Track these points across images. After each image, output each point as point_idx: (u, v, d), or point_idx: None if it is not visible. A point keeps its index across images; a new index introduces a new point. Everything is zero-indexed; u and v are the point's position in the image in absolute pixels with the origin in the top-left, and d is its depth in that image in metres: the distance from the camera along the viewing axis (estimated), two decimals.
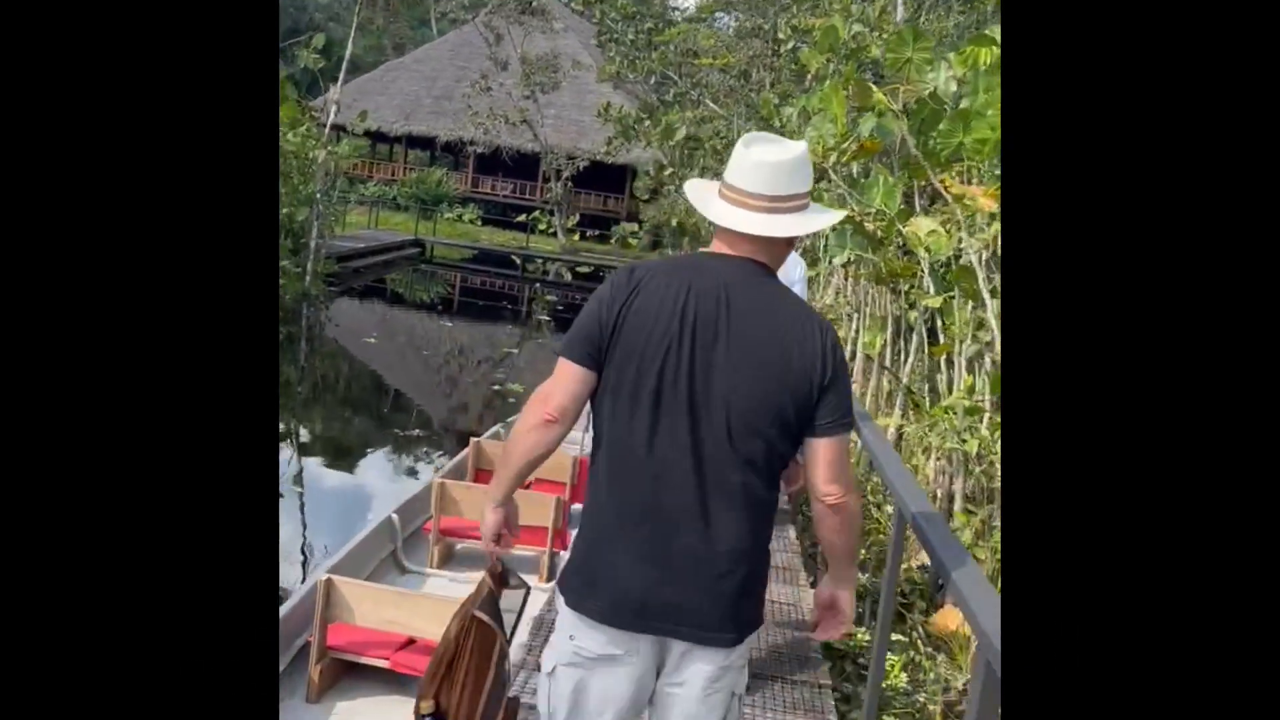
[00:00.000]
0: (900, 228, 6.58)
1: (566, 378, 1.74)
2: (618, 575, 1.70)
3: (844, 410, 1.73)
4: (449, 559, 4.93)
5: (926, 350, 7.24)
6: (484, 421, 9.68)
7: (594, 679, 1.75)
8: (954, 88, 5.38)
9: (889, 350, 8.06)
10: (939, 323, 7.07)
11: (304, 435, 9.23)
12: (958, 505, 4.94)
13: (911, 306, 7.75)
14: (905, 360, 7.58)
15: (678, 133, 16.81)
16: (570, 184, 29.34)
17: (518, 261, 26.80)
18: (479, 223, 31.28)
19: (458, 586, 4.61)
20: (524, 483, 1.92)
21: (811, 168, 1.80)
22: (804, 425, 1.71)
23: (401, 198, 30.18)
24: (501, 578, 2.03)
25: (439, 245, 27.08)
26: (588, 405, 1.79)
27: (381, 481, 8.04)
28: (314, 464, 8.35)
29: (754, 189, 1.73)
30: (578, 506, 5.52)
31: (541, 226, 30.02)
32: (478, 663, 1.99)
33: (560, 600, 1.79)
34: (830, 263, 8.03)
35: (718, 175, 2.10)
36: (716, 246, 1.80)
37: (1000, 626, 1.63)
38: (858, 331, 8.63)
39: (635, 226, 29.83)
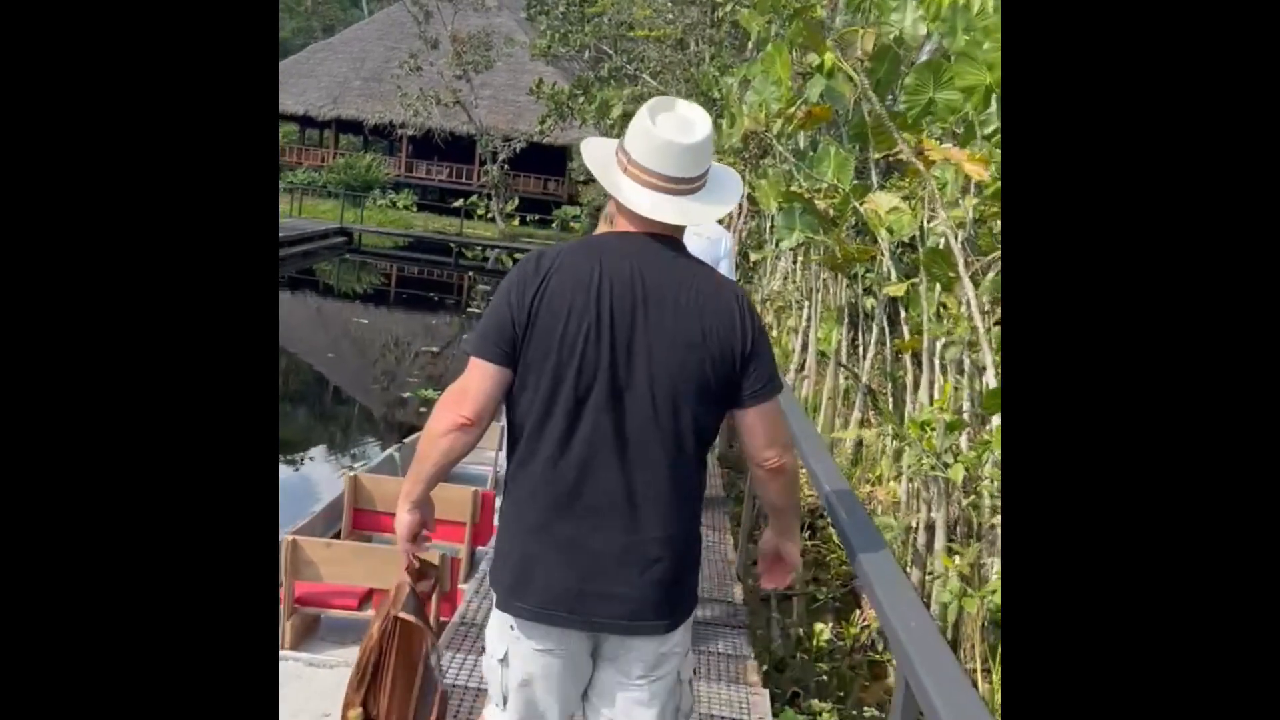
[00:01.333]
0: (856, 205, 5.71)
1: (481, 377, 1.69)
2: (546, 572, 1.68)
3: (769, 375, 1.72)
4: (310, 634, 3.95)
5: (889, 343, 6.40)
6: (389, 437, 8.65)
7: (538, 670, 1.75)
8: (923, 30, 4.49)
9: (844, 343, 7.21)
10: (901, 312, 6.23)
11: None
12: (939, 541, 4.08)
13: (869, 292, 6.90)
14: (864, 355, 6.74)
15: (614, 110, 15.84)
16: (507, 167, 28.33)
17: (455, 248, 25.58)
18: (414, 209, 30.08)
19: (318, 674, 3.64)
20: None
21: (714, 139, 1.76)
22: (729, 397, 1.70)
23: (330, 184, 28.67)
24: (421, 573, 1.96)
25: (367, 233, 25.69)
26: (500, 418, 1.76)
27: None
28: None
29: (662, 170, 1.68)
30: (483, 549, 4.58)
31: (480, 211, 28.97)
32: (404, 663, 1.94)
33: (494, 597, 1.80)
34: (777, 246, 7.13)
35: None
36: (620, 223, 1.76)
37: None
38: (809, 321, 7.74)
39: (577, 209, 28.86)
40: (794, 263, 10.68)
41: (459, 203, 28.69)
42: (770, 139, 5.75)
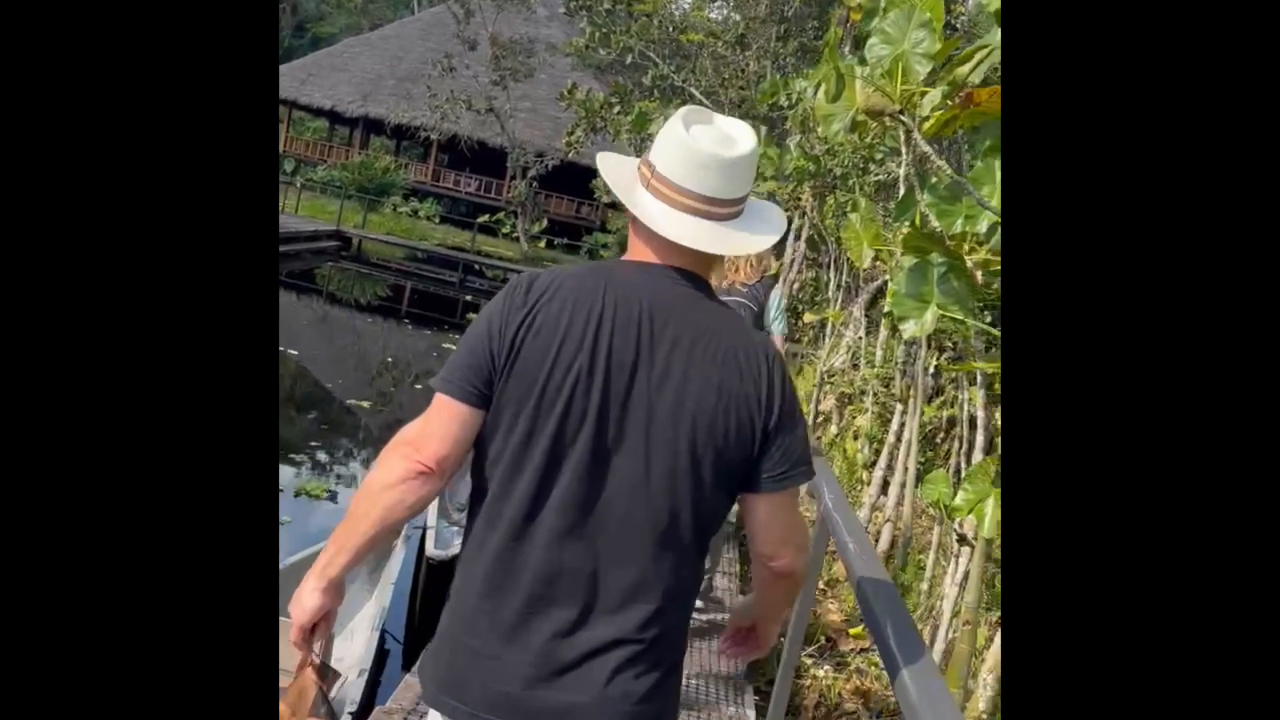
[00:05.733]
0: None
1: (446, 417, 1.40)
2: (489, 668, 1.38)
3: (797, 458, 1.43)
4: None
5: None
6: None
7: None
8: None
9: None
10: None
11: None
12: None
13: None
14: None
15: (652, 125, 13.39)
16: (535, 184, 26.12)
17: (470, 266, 23.21)
18: (437, 220, 27.93)
19: None
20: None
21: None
22: (742, 478, 1.42)
23: (341, 181, 26.41)
24: (323, 672, 1.55)
25: (370, 241, 23.28)
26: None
27: None
28: None
29: (696, 187, 1.42)
30: None
31: (505, 230, 26.81)
32: None
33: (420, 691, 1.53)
34: (896, 328, 4.50)
35: None
36: (638, 250, 1.47)
37: None
38: (904, 438, 4.99)
39: (608, 237, 26.59)
40: (866, 331, 8.02)
41: (485, 218, 26.54)
42: (913, 131, 3.10)
